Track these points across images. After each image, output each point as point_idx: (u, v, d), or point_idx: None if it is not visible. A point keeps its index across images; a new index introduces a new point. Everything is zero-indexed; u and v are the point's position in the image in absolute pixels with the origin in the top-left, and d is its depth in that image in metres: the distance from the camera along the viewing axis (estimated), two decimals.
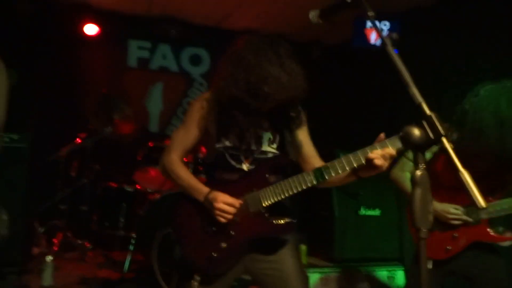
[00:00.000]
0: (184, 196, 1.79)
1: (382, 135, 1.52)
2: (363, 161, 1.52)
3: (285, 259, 1.76)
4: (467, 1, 3.81)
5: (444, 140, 1.01)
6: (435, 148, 1.98)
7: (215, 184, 1.74)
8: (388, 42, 1.20)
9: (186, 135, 1.83)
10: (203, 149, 3.73)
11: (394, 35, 1.20)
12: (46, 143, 4.05)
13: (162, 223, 3.56)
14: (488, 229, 2.06)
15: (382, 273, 4.19)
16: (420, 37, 4.28)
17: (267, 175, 1.74)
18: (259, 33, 1.79)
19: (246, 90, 1.68)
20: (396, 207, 4.45)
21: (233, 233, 1.67)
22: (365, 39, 4.50)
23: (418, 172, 1.04)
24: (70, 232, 3.99)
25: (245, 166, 1.80)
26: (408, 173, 2.27)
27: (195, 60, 5.50)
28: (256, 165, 1.78)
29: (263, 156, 1.81)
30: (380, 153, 1.47)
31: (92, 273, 3.42)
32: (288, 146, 1.83)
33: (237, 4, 4.73)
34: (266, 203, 1.67)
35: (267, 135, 1.84)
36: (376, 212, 4.35)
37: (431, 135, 1.02)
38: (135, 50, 5.28)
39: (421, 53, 4.29)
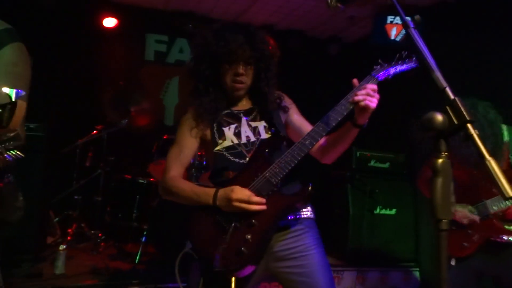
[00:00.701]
0: (192, 209, 1.72)
1: (355, 80, 1.63)
2: (350, 106, 1.59)
3: (309, 257, 1.70)
4: None
5: (469, 126, 0.94)
6: None
7: (219, 186, 1.69)
8: (410, 24, 1.13)
9: (181, 151, 1.81)
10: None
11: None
12: (64, 134, 4.10)
13: (174, 217, 3.56)
14: (497, 223, 2.08)
15: (397, 274, 4.10)
16: (443, 33, 4.16)
17: (267, 156, 1.71)
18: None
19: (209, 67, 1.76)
20: (413, 207, 4.36)
21: (255, 222, 1.61)
22: (385, 35, 4.41)
23: (440, 160, 0.98)
24: (84, 223, 4.02)
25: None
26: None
27: None
28: (252, 155, 1.75)
29: None
30: (364, 92, 1.55)
31: (103, 264, 3.43)
32: (281, 128, 1.85)
33: None
34: (276, 180, 1.63)
35: (262, 124, 1.85)
36: (392, 212, 4.27)
37: (455, 120, 0.96)
38: (153, 44, 5.29)
39: (443, 49, 4.17)
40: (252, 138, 1.81)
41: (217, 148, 1.79)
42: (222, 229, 1.63)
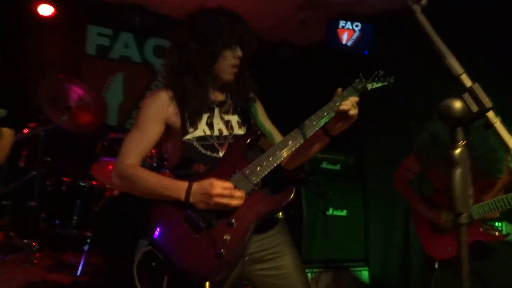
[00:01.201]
0: (155, 203, 1.54)
1: (339, 90, 1.66)
2: (333, 114, 1.59)
3: (285, 258, 1.61)
4: (440, 6, 3.88)
5: (490, 113, 0.90)
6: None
7: (189, 179, 1.52)
8: (417, 9, 1.07)
9: (143, 136, 1.61)
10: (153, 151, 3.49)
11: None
12: None
13: (121, 221, 3.29)
14: (481, 229, 2.10)
15: (348, 274, 4.15)
16: (392, 40, 4.32)
17: (244, 153, 1.59)
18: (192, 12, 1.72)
19: (200, 56, 1.62)
20: (363, 208, 4.46)
21: (234, 222, 1.46)
22: (338, 39, 4.48)
23: (457, 151, 0.93)
24: (13, 231, 3.57)
25: (222, 154, 1.64)
26: (407, 180, 2.47)
27: (160, 52, 5.21)
28: (227, 149, 1.63)
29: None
30: (349, 103, 1.57)
31: (39, 276, 3.05)
32: (256, 125, 1.78)
33: None
34: (256, 179, 1.51)
35: (235, 118, 1.74)
36: (343, 213, 4.32)
37: (473, 108, 0.91)
38: (95, 37, 4.90)
39: (392, 55, 4.33)
40: (225, 132, 1.69)
41: (187, 137, 1.62)
42: (195, 227, 1.47)
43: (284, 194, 1.54)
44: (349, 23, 4.45)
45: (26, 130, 3.64)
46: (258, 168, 1.53)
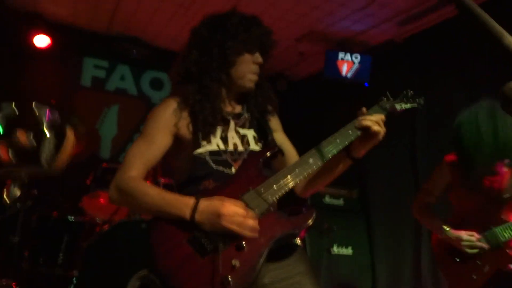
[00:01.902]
0: (155, 221, 1.37)
1: (364, 109, 1.52)
2: (358, 132, 1.45)
3: (302, 280, 1.40)
4: (437, 38, 3.88)
5: None
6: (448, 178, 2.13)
7: (197, 196, 1.35)
8: None
9: (149, 148, 1.46)
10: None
11: None
12: None
13: (112, 259, 3.01)
14: (510, 252, 1.89)
15: None
16: (391, 71, 4.29)
17: (259, 169, 1.43)
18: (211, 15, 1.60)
19: (219, 64, 1.50)
20: (368, 245, 4.22)
21: (245, 245, 1.26)
22: (337, 70, 4.45)
23: None
24: None
25: (234, 170, 1.48)
26: (426, 205, 2.26)
27: (156, 84, 5.12)
28: (241, 165, 1.47)
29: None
30: (374, 119, 1.44)
31: None
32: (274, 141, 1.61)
33: None
34: (272, 199, 1.34)
35: (251, 133, 1.59)
36: (349, 251, 4.07)
37: None
38: (90, 69, 4.82)
39: (391, 86, 4.28)
40: (240, 147, 1.53)
41: (199, 151, 1.46)
42: (200, 250, 1.27)
43: (303, 217, 1.36)
44: (348, 54, 4.44)
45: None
46: (274, 187, 1.37)
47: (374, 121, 1.44)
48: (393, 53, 4.39)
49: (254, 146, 1.56)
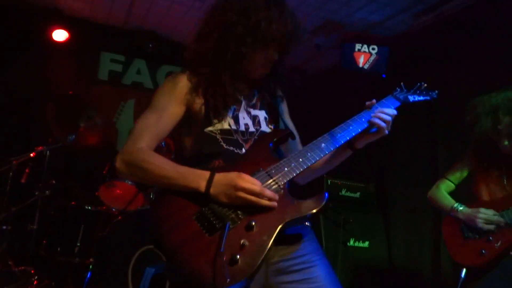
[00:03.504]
0: (162, 195, 1.33)
1: (374, 100, 1.50)
2: (366, 124, 1.44)
3: (317, 268, 1.38)
4: (454, 28, 3.79)
5: None
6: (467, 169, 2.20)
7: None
8: None
9: (160, 118, 1.41)
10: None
11: None
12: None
13: (128, 248, 3.03)
14: None
15: None
16: (408, 62, 4.21)
17: (269, 151, 1.39)
18: None
19: (239, 45, 1.43)
20: (385, 240, 4.14)
21: (255, 224, 1.23)
22: (354, 62, 4.39)
23: None
24: (12, 260, 3.30)
25: (244, 151, 1.45)
26: (443, 190, 2.27)
27: None
28: (251, 145, 1.44)
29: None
30: (382, 115, 1.41)
31: None
32: (287, 124, 1.58)
33: None
34: (283, 181, 1.31)
35: (262, 114, 1.56)
36: (365, 244, 4.01)
37: None
38: (107, 63, 4.88)
39: (409, 77, 4.20)
40: (251, 128, 1.50)
41: (210, 128, 1.44)
42: (208, 227, 1.24)
43: (315, 200, 1.30)
44: (365, 46, 4.37)
45: (33, 154, 3.49)
46: (286, 169, 1.33)
47: (383, 118, 1.41)
48: (410, 44, 4.30)
49: (265, 128, 1.53)
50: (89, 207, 3.37)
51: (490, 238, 1.97)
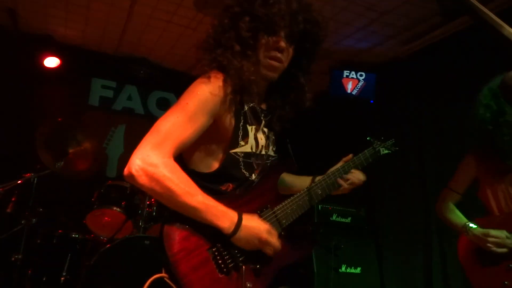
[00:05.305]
0: (176, 221, 1.21)
1: (350, 155, 1.64)
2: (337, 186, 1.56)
3: None
4: (440, 53, 3.89)
5: None
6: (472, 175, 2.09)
7: (220, 199, 1.24)
8: None
9: (190, 127, 1.21)
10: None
11: None
12: None
13: (118, 277, 2.96)
14: None
15: None
16: (395, 88, 4.29)
17: (276, 184, 1.42)
18: None
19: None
20: (377, 265, 4.11)
21: (259, 268, 1.28)
22: (343, 88, 4.46)
23: None
24: None
25: (254, 176, 1.42)
26: (452, 205, 2.15)
27: (163, 104, 5.17)
28: (263, 175, 1.43)
29: (268, 162, 1.48)
30: (351, 183, 1.58)
31: None
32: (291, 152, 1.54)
33: None
34: (285, 223, 1.37)
35: (272, 136, 1.52)
36: (357, 270, 3.96)
37: None
38: (99, 89, 4.89)
39: (396, 103, 4.28)
40: (263, 150, 1.45)
41: (236, 150, 1.34)
42: (220, 266, 1.23)
43: (303, 251, 1.43)
44: (353, 72, 4.46)
45: (20, 181, 3.44)
46: (289, 211, 1.39)
47: (352, 185, 1.57)
48: (397, 69, 4.39)
49: (271, 151, 1.49)
50: (77, 235, 3.30)
51: (510, 265, 1.79)
